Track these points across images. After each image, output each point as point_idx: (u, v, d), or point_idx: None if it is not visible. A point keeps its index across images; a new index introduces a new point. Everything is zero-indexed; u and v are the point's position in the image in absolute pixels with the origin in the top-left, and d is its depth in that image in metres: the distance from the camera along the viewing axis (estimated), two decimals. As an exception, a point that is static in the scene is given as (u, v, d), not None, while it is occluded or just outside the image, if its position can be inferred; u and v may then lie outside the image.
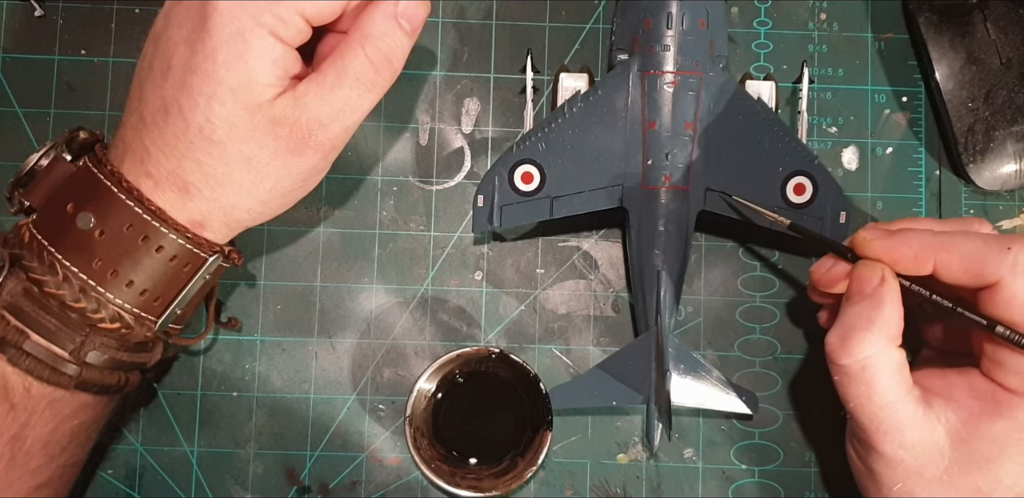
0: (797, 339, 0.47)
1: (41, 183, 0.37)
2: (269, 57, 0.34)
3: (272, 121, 0.34)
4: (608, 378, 0.44)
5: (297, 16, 0.34)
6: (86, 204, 0.35)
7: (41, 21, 0.48)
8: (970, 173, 0.47)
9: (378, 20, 0.35)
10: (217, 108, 0.34)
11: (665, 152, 0.43)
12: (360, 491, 0.46)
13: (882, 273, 0.36)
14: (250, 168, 0.35)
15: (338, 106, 0.35)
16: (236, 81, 0.33)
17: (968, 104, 0.46)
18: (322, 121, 0.35)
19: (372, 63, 0.35)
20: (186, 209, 0.36)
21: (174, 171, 0.35)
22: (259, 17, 0.33)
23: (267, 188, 0.36)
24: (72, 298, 0.35)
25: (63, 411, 0.37)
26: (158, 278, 0.36)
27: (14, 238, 0.36)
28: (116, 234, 0.35)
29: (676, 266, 0.43)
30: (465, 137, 0.48)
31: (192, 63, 0.34)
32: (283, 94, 0.35)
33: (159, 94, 0.35)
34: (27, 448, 0.36)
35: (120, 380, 0.38)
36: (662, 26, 0.42)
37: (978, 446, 0.35)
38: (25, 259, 0.35)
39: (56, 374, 0.35)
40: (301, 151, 0.36)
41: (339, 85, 0.35)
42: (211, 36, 0.33)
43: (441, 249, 0.47)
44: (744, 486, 0.46)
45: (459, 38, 0.48)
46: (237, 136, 0.34)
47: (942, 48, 0.47)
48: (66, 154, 0.37)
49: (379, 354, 0.47)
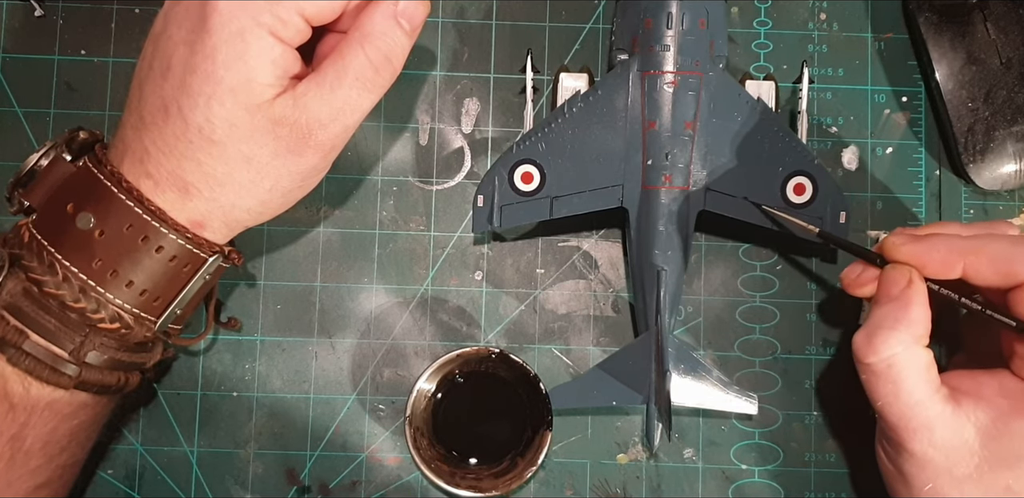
0: (797, 339, 0.47)
1: (41, 183, 0.37)
2: (268, 57, 0.34)
3: (272, 121, 0.34)
4: (608, 378, 0.44)
5: (297, 16, 0.34)
6: (86, 204, 0.35)
7: (41, 21, 0.48)
8: (970, 173, 0.47)
9: (378, 20, 0.35)
10: (217, 108, 0.34)
11: (665, 152, 0.43)
12: (360, 491, 0.46)
13: (909, 275, 0.37)
14: (250, 168, 0.35)
15: (338, 106, 0.35)
16: (235, 81, 0.33)
17: (968, 104, 0.47)
18: (322, 121, 0.35)
19: (372, 63, 0.35)
20: (186, 209, 0.36)
21: (174, 171, 0.35)
22: (259, 17, 0.33)
23: (267, 188, 0.36)
24: (72, 298, 0.35)
25: (63, 411, 0.37)
26: (158, 278, 0.36)
27: (14, 238, 0.36)
28: (116, 234, 0.35)
29: (676, 266, 0.43)
30: (465, 137, 0.48)
31: (192, 63, 0.34)
32: (283, 94, 0.35)
33: (159, 94, 0.35)
34: (26, 448, 0.36)
35: (120, 380, 0.38)
36: (662, 26, 0.42)
37: (1009, 444, 0.35)
38: (25, 259, 0.35)
39: (56, 374, 0.35)
40: (301, 151, 0.36)
41: (339, 85, 0.35)
42: (210, 36, 0.33)
43: (441, 249, 0.47)
44: (744, 486, 0.46)
45: (459, 38, 0.48)
46: (237, 136, 0.34)
47: (942, 48, 0.47)
48: (66, 154, 0.37)
49: (379, 354, 0.47)
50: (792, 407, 0.47)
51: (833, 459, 0.46)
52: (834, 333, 0.47)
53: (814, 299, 0.47)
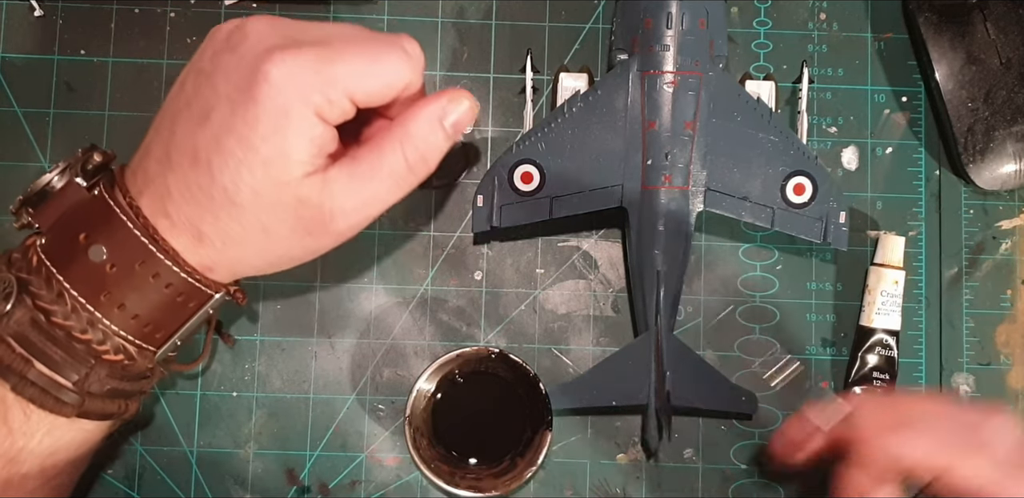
0: (797, 339, 0.47)
1: (52, 206, 0.36)
2: (308, 135, 0.33)
3: (297, 199, 0.34)
4: (608, 378, 0.44)
5: (346, 99, 0.33)
6: (99, 237, 0.35)
7: (41, 21, 0.48)
8: (970, 173, 0.47)
9: (423, 121, 0.35)
10: (246, 175, 0.33)
11: (665, 152, 0.43)
12: (360, 491, 0.46)
13: None
14: (265, 237, 0.35)
15: (365, 198, 0.35)
16: (270, 154, 0.33)
17: (968, 104, 0.47)
18: (346, 210, 0.35)
19: (408, 162, 0.35)
20: (197, 255, 0.35)
21: (192, 219, 0.34)
22: (308, 96, 0.32)
23: (277, 255, 0.36)
24: (80, 330, 0.34)
25: (62, 437, 0.36)
26: (163, 312, 0.36)
27: (21, 260, 0.36)
28: (127, 270, 0.35)
29: (676, 266, 0.43)
30: (465, 137, 0.48)
31: (230, 123, 0.33)
32: (313, 174, 0.34)
33: (191, 140, 0.34)
34: (24, 471, 0.36)
35: (120, 407, 0.37)
36: (662, 26, 0.42)
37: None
38: (33, 285, 0.35)
39: (59, 404, 0.35)
40: (318, 235, 0.35)
41: (371, 178, 0.35)
42: (256, 105, 0.32)
43: (441, 249, 0.47)
44: (744, 486, 0.46)
45: (459, 38, 0.48)
46: (259, 205, 0.34)
47: (942, 48, 0.47)
48: (80, 178, 0.36)
49: (379, 354, 0.47)
50: (792, 407, 0.47)
51: (833, 459, 0.46)
52: (834, 333, 0.47)
53: (814, 299, 0.47)
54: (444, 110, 0.35)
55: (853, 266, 0.48)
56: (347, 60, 0.33)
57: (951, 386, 0.47)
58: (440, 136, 0.35)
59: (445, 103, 0.35)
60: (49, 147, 0.47)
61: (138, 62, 0.48)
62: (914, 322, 0.47)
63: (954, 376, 0.47)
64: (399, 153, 0.35)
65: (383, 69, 0.34)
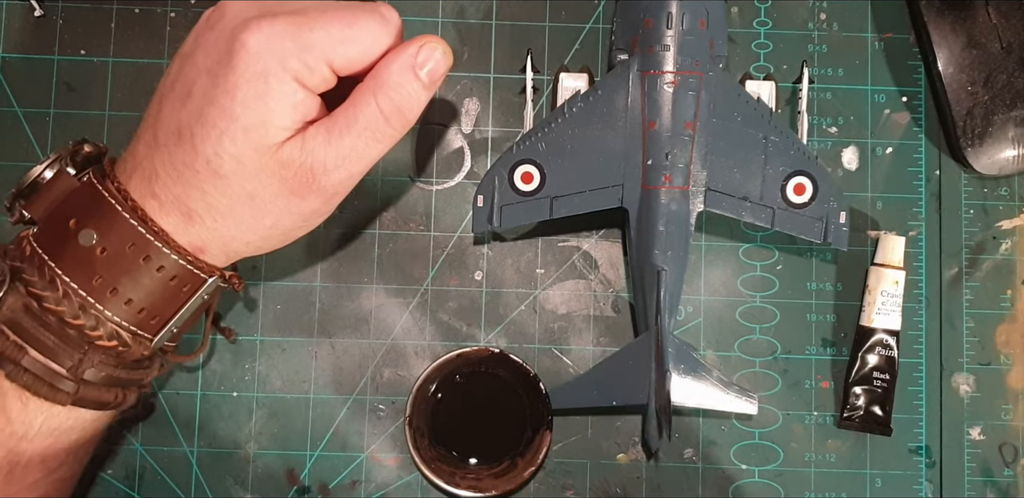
0: (797, 339, 0.47)
1: (43, 196, 0.36)
2: (289, 102, 0.33)
3: (279, 163, 0.34)
4: (608, 378, 0.44)
5: (324, 65, 0.33)
6: (89, 221, 0.35)
7: (41, 21, 0.48)
8: (968, 158, 0.47)
9: (395, 69, 0.34)
10: (227, 144, 0.33)
11: (665, 152, 0.43)
12: (360, 491, 0.46)
13: None
14: (252, 204, 0.35)
15: (344, 153, 0.35)
16: (251, 121, 0.33)
17: (968, 88, 0.46)
18: (326, 166, 0.35)
19: (383, 113, 0.35)
20: (188, 234, 0.35)
21: (179, 196, 0.35)
22: (286, 62, 0.33)
23: (268, 225, 0.36)
24: (71, 315, 0.35)
25: (60, 426, 0.37)
26: (157, 297, 0.36)
27: (15, 250, 0.36)
28: (118, 252, 0.35)
29: (676, 266, 0.43)
30: (465, 137, 0.48)
31: (212, 94, 0.33)
32: (293, 137, 0.34)
33: (176, 117, 0.34)
34: (25, 462, 0.36)
35: (117, 397, 0.37)
36: (662, 26, 0.42)
37: None
38: (26, 273, 0.35)
39: (53, 391, 0.35)
40: (303, 194, 0.35)
41: (347, 133, 0.34)
42: (234, 72, 0.33)
43: (441, 249, 0.47)
44: (744, 486, 0.46)
45: (459, 38, 0.48)
46: (242, 173, 0.34)
47: (943, 31, 0.47)
48: (70, 168, 0.36)
49: (379, 354, 0.47)
50: (792, 407, 0.47)
51: (833, 459, 0.46)
52: (834, 333, 0.47)
53: (814, 299, 0.47)
54: (416, 58, 0.34)
55: (853, 266, 0.48)
56: (323, 26, 0.33)
57: (951, 386, 0.47)
58: (416, 86, 0.35)
59: (416, 51, 0.34)
60: (49, 147, 0.47)
61: (138, 62, 0.48)
62: (914, 322, 0.47)
63: (954, 376, 0.47)
64: (372, 105, 0.34)
65: (359, 33, 0.34)
